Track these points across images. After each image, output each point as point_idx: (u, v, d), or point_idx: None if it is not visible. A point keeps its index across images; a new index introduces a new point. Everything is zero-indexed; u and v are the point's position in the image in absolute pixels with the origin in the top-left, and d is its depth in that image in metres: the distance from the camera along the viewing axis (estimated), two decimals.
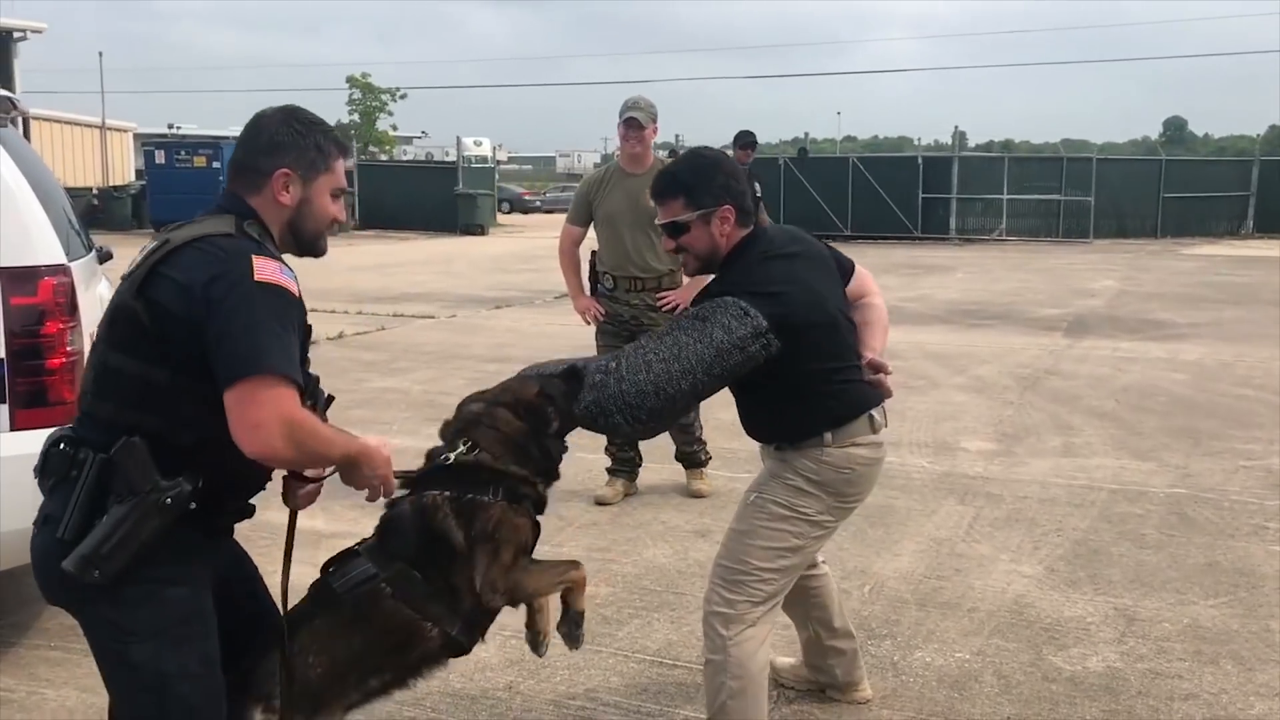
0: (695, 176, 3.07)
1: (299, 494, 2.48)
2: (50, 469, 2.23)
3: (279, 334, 2.14)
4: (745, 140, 10.85)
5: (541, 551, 4.95)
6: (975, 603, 4.43)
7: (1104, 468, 6.47)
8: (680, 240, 3.08)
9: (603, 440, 5.74)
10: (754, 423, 3.19)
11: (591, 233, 5.90)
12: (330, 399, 2.52)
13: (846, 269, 3.22)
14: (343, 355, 10.29)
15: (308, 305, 2.34)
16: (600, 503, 5.71)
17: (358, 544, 2.65)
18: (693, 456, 6.02)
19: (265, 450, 2.12)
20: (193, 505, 2.19)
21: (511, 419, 2.73)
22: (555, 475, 2.79)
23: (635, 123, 5.63)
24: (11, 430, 3.53)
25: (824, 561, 3.57)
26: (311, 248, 2.44)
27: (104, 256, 4.97)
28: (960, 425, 7.55)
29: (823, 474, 3.01)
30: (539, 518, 2.78)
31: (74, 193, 28.10)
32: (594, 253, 5.84)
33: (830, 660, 3.58)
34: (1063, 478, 6.25)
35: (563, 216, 6.29)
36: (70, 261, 3.78)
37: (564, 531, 5.28)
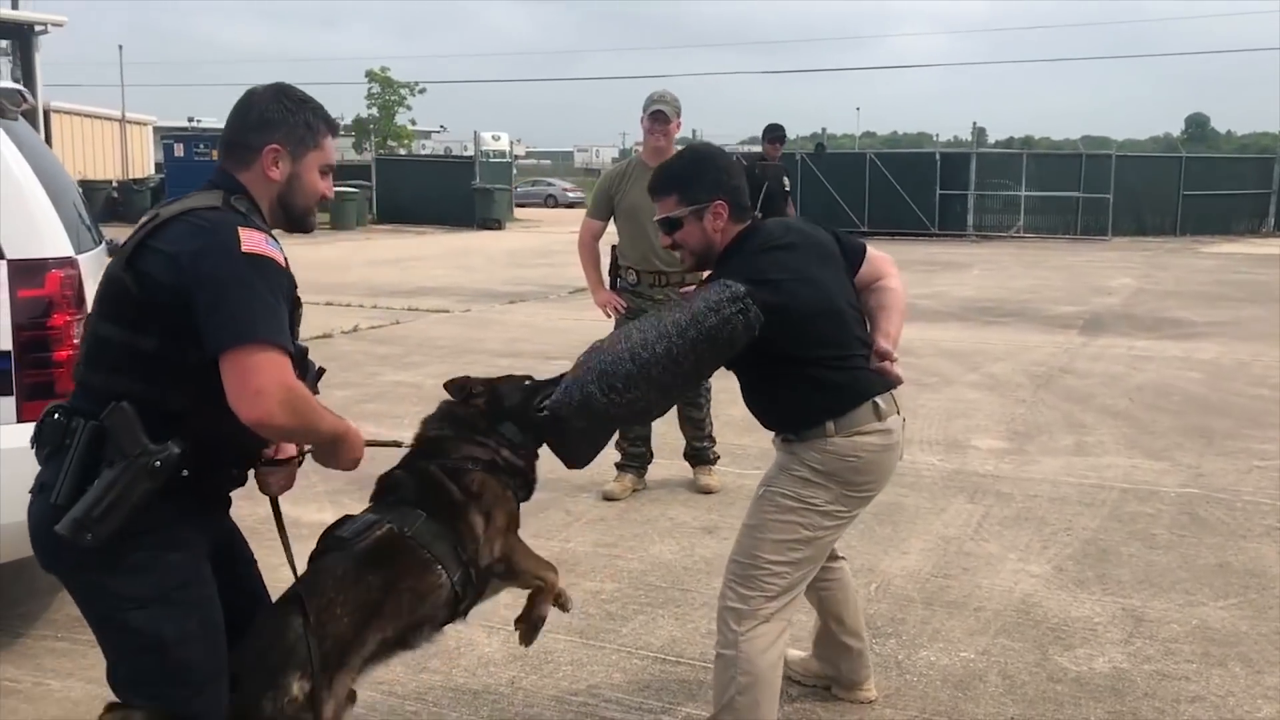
0: (688, 172, 3.09)
1: (269, 479, 2.56)
2: (45, 438, 2.28)
3: (269, 303, 2.19)
4: (774, 134, 10.75)
5: (549, 547, 4.98)
6: (982, 602, 4.41)
7: (1115, 467, 6.43)
8: (675, 236, 3.11)
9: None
10: (758, 407, 3.18)
11: (611, 227, 5.90)
12: (321, 371, 2.57)
13: (855, 254, 3.20)
14: (357, 349, 10.32)
15: (324, 299, 2.38)
16: (608, 498, 5.71)
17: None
18: (702, 453, 6.01)
19: (264, 417, 2.16)
20: (185, 472, 2.23)
21: (443, 404, 3.00)
22: (519, 443, 2.91)
23: (662, 116, 5.65)
24: (18, 422, 3.55)
25: (843, 556, 3.56)
26: (301, 223, 2.49)
27: (113, 249, 4.99)
28: (972, 423, 7.52)
29: (828, 464, 3.00)
30: (531, 502, 2.96)
31: (94, 185, 28.35)
32: (614, 247, 5.84)
33: (839, 654, 3.57)
34: (1074, 476, 6.21)
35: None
36: (79, 254, 3.80)
37: (571, 526, 5.28)
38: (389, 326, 11.79)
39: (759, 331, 2.85)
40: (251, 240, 2.20)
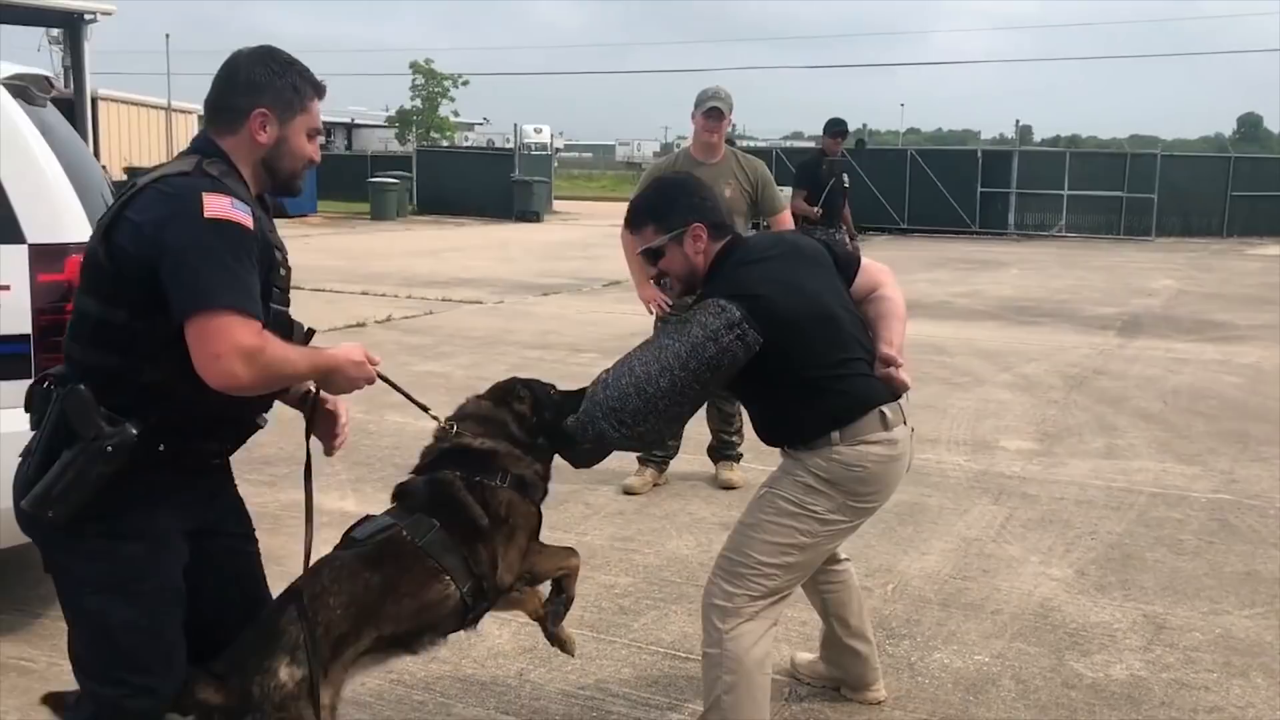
0: (661, 201, 3.14)
1: (326, 435, 2.61)
2: (35, 405, 2.33)
3: (230, 268, 2.18)
4: (836, 129, 10.41)
5: (566, 540, 4.96)
6: (1000, 605, 4.36)
7: (1146, 471, 6.33)
8: (659, 265, 3.13)
9: None
10: (764, 426, 3.17)
11: None
12: (310, 332, 2.56)
13: (849, 265, 3.17)
14: (389, 338, 10.38)
15: (359, 288, 2.37)
16: (628, 492, 5.68)
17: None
18: (728, 447, 5.97)
19: (228, 380, 2.17)
20: (161, 447, 2.25)
21: (483, 401, 2.97)
22: (548, 454, 2.94)
23: (717, 113, 5.69)
24: None
25: (847, 559, 3.53)
26: (287, 187, 2.48)
27: None
28: (1001, 423, 7.43)
29: (833, 472, 2.96)
30: (551, 495, 2.99)
31: (140, 172, 28.67)
32: None
33: (845, 658, 3.54)
34: (1102, 480, 6.12)
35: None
36: None
37: (590, 520, 5.27)
38: (422, 317, 11.85)
39: (757, 349, 2.85)
40: (215, 205, 2.20)
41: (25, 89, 3.98)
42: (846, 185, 10.13)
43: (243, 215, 2.23)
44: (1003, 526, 5.31)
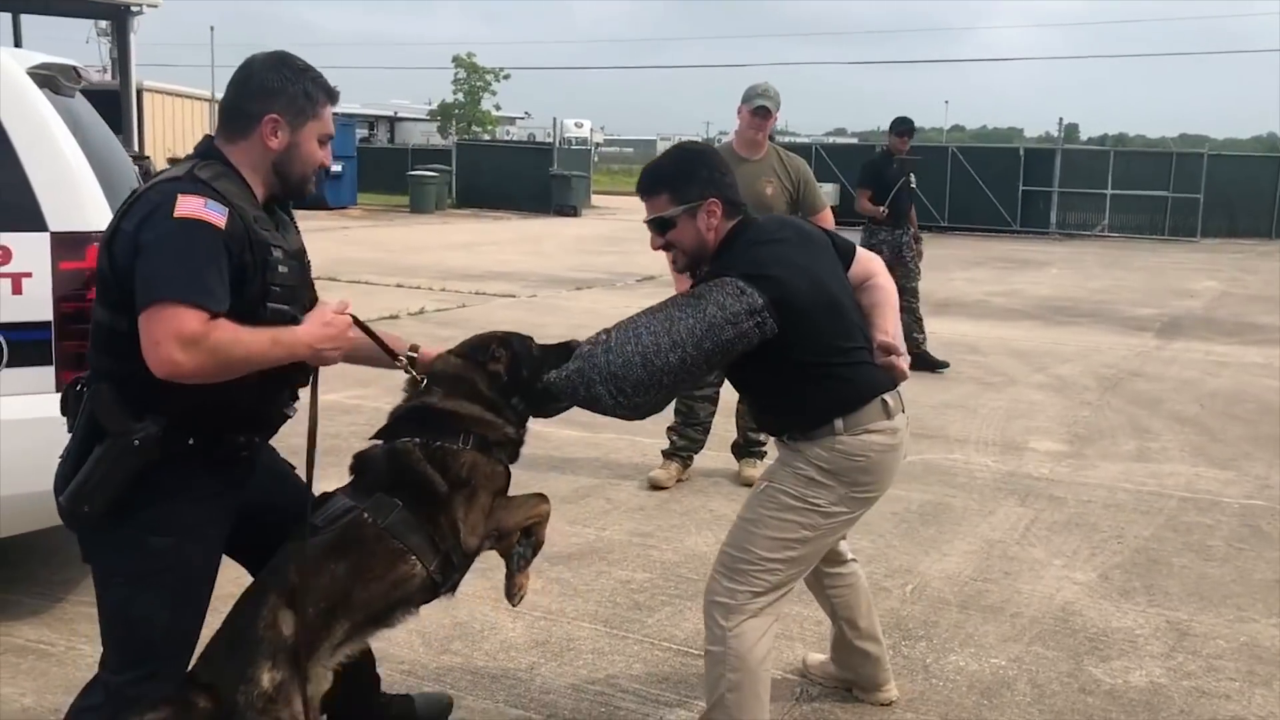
0: (679, 171, 3.04)
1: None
2: (69, 407, 2.42)
3: (190, 263, 2.21)
4: (903, 127, 10.13)
5: (585, 534, 4.97)
6: (1020, 608, 4.30)
7: (1177, 475, 6.22)
8: (668, 236, 3.05)
9: (665, 421, 5.67)
10: (764, 413, 3.13)
11: None
12: None
13: (847, 252, 3.14)
14: (420, 330, 10.41)
15: (394, 281, 2.36)
16: (654, 485, 5.67)
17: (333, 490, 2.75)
18: (754, 445, 5.93)
19: (170, 368, 2.19)
20: (190, 441, 2.32)
21: (454, 359, 2.84)
22: (523, 416, 2.84)
23: (764, 111, 5.71)
24: (57, 391, 3.62)
25: (853, 559, 3.49)
26: (298, 191, 2.52)
27: None
28: (1032, 424, 7.34)
29: (835, 462, 2.92)
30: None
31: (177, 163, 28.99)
32: None
33: (855, 659, 3.50)
34: (1132, 483, 6.03)
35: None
36: None
37: (609, 514, 5.25)
38: (455, 310, 11.87)
39: (771, 335, 2.81)
40: (186, 205, 2.23)
41: (52, 78, 4.03)
42: (913, 184, 9.92)
43: (214, 215, 2.25)
44: (1027, 529, 5.24)
